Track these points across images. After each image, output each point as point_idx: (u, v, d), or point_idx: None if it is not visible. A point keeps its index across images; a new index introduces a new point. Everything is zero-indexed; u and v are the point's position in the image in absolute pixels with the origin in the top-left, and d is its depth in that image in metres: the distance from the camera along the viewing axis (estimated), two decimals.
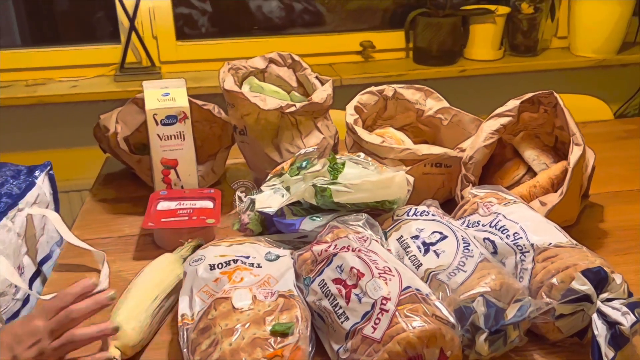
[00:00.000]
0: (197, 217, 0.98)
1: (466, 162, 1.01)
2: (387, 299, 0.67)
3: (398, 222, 0.86)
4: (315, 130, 1.09)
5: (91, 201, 1.15)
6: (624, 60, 2.05)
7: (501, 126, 1.00)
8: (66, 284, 0.89)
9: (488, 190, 0.92)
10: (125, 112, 1.16)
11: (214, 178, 1.20)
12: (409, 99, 1.15)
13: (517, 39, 2.05)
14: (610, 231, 1.02)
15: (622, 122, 1.70)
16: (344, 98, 1.16)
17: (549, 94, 0.99)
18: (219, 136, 1.22)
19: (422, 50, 1.98)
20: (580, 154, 0.92)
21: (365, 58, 2.02)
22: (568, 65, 2.05)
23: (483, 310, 0.68)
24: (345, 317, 0.69)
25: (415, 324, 0.64)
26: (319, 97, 1.07)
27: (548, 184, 0.98)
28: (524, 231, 0.81)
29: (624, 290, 0.72)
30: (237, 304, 0.70)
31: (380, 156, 1.02)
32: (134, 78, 1.81)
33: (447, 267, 0.75)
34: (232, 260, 0.78)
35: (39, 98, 1.76)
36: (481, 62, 2.01)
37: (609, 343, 0.68)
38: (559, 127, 1.06)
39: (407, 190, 0.90)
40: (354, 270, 0.72)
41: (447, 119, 1.13)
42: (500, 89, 1.72)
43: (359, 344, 0.66)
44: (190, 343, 0.69)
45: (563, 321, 0.73)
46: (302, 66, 1.16)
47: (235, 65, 1.12)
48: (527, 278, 0.77)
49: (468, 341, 0.69)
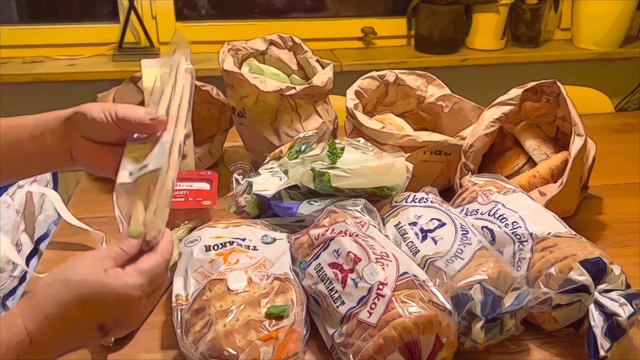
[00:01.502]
0: (193, 199, 0.97)
1: (466, 150, 1.00)
2: (384, 284, 0.67)
3: (396, 208, 0.86)
4: (314, 114, 1.08)
5: (86, 180, 1.14)
6: (626, 53, 2.04)
7: (503, 115, 0.99)
8: (60, 261, 0.89)
9: (487, 179, 0.92)
10: (123, 91, 1.14)
11: (211, 160, 1.19)
12: (411, 85, 1.14)
13: (520, 30, 2.03)
14: (608, 223, 1.02)
15: (623, 116, 1.70)
16: (344, 84, 1.15)
17: (552, 83, 0.98)
18: (217, 118, 1.21)
19: (423, 38, 1.97)
20: (581, 145, 0.91)
21: (366, 44, 2.00)
22: (570, 57, 2.03)
23: (480, 298, 0.68)
24: (341, 301, 0.69)
25: (411, 310, 0.64)
26: (320, 80, 1.06)
27: (548, 175, 0.97)
28: (522, 220, 0.80)
29: (622, 281, 0.71)
30: (233, 285, 0.70)
31: (380, 142, 1.01)
32: (132, 58, 1.79)
33: (444, 254, 0.75)
34: (228, 242, 0.77)
35: (36, 76, 1.74)
36: (483, 51, 2.00)
37: (605, 334, 0.68)
38: (560, 118, 1.05)
39: (406, 177, 0.90)
40: (350, 255, 0.71)
41: (448, 107, 1.13)
42: (501, 79, 1.70)
43: (354, 329, 0.66)
44: (184, 324, 0.69)
45: (559, 311, 0.73)
46: (302, 49, 1.15)
47: (235, 46, 1.11)
48: (524, 267, 0.76)
49: (464, 328, 0.69)
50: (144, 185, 0.60)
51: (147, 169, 0.60)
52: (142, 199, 0.58)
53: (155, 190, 0.58)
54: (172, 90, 0.67)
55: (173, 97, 0.66)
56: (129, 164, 0.61)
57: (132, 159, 0.62)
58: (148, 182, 0.60)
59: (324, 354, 0.72)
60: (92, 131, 0.64)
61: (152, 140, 0.63)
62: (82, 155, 0.65)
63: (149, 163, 0.60)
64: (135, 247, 0.55)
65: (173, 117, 0.64)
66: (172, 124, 0.64)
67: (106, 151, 0.64)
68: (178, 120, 0.64)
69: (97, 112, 0.62)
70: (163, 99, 0.66)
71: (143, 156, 0.62)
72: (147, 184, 0.60)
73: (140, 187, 0.60)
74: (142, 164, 0.61)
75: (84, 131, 0.64)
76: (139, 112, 0.62)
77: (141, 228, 0.56)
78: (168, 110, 0.65)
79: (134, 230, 0.55)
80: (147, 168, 0.60)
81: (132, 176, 0.60)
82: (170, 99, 0.66)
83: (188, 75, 0.68)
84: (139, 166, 0.61)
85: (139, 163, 0.61)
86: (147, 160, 0.61)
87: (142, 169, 0.60)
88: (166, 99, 0.66)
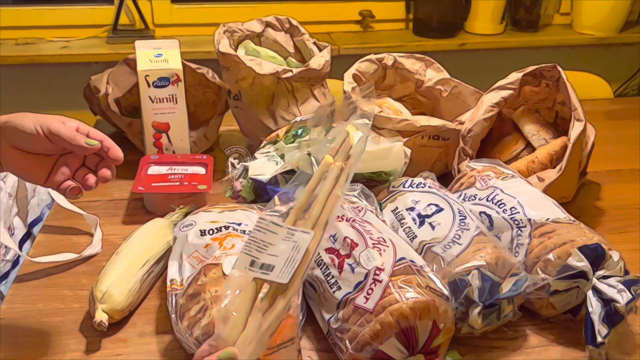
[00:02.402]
0: (188, 183, 0.96)
1: (464, 135, 0.99)
2: (381, 269, 0.66)
3: (394, 193, 0.85)
4: (311, 97, 1.07)
5: None
6: (626, 38, 2.03)
7: (502, 99, 0.98)
8: (54, 245, 0.88)
9: (486, 164, 0.91)
10: (117, 73, 1.13)
11: (206, 144, 1.17)
12: (409, 69, 1.13)
13: (519, 14, 2.01)
14: (607, 209, 1.02)
15: (622, 102, 1.69)
16: (342, 68, 1.13)
17: (552, 67, 0.97)
18: (213, 102, 1.20)
19: (422, 22, 1.95)
20: (581, 130, 0.90)
21: (364, 28, 1.98)
22: (569, 42, 2.02)
23: (478, 284, 0.67)
24: (338, 286, 0.68)
25: (408, 295, 0.63)
26: (317, 63, 1.05)
27: (547, 160, 0.96)
28: (521, 206, 0.79)
29: (620, 267, 0.71)
30: (228, 270, 0.69)
31: (378, 126, 1.00)
32: (126, 40, 1.77)
33: (442, 239, 0.74)
34: (223, 226, 0.76)
35: (29, 57, 1.72)
36: (482, 36, 1.98)
37: (603, 320, 0.67)
38: (560, 102, 1.04)
39: (403, 162, 0.89)
40: (347, 240, 0.70)
41: (447, 91, 1.11)
42: (499, 64, 1.69)
43: (350, 314, 0.65)
44: (179, 308, 0.68)
45: (557, 297, 0.72)
46: (299, 31, 1.13)
47: (230, 27, 1.09)
48: (522, 253, 0.76)
49: (461, 314, 0.69)
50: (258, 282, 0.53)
51: (268, 276, 0.53)
52: (250, 299, 0.52)
53: (267, 298, 0.52)
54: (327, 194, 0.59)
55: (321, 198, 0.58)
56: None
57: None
58: (260, 284, 0.53)
59: (319, 340, 0.72)
60: (23, 142, 0.63)
61: None
62: (11, 164, 0.64)
63: (275, 265, 0.53)
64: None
65: (315, 215, 0.57)
66: (311, 222, 0.56)
67: (36, 160, 0.64)
68: (317, 221, 0.57)
69: (29, 124, 0.62)
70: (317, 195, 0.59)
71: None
72: (261, 282, 0.54)
73: (252, 286, 0.53)
74: (265, 259, 0.53)
75: (13, 141, 0.63)
76: (72, 132, 0.62)
77: (234, 352, 0.50)
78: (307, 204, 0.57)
79: (226, 354, 0.50)
80: (269, 275, 0.53)
81: (249, 270, 0.53)
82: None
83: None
84: (260, 262, 0.53)
85: (262, 254, 0.53)
86: (271, 259, 0.53)
87: (263, 268, 0.53)
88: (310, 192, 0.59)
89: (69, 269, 0.84)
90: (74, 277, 0.82)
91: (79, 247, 0.86)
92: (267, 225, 0.54)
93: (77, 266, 0.84)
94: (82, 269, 0.84)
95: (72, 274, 0.83)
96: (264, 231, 0.54)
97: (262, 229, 0.54)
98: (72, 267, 0.84)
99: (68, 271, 0.83)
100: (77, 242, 0.89)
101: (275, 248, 0.54)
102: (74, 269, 0.84)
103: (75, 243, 0.89)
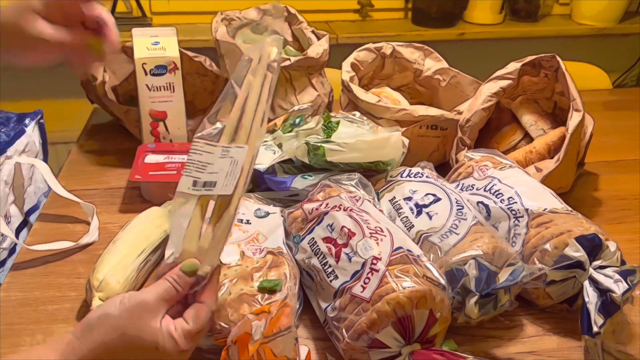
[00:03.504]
0: None
1: (463, 125, 0.99)
2: (378, 258, 0.66)
3: (391, 183, 0.85)
4: (309, 86, 1.06)
5: (77, 152, 1.12)
6: (625, 29, 2.02)
7: (500, 89, 0.98)
8: (50, 233, 0.88)
9: (484, 154, 0.91)
10: (114, 61, 1.12)
11: None
12: (408, 58, 1.12)
13: (519, 4, 2.00)
14: (604, 200, 1.02)
15: (620, 92, 1.69)
16: (340, 57, 1.12)
17: (551, 57, 0.97)
18: (210, 91, 1.19)
19: (421, 11, 1.94)
20: (579, 120, 0.90)
21: (362, 17, 1.97)
22: (568, 32, 2.01)
23: (475, 273, 0.68)
24: (335, 275, 0.68)
25: (405, 285, 0.63)
26: (315, 51, 1.04)
27: (545, 150, 0.96)
28: (518, 196, 0.79)
29: (617, 258, 0.71)
30: (225, 259, 0.69)
31: (376, 116, 1.00)
32: (123, 28, 1.72)
33: (439, 229, 0.74)
34: None
35: None
36: (481, 25, 1.97)
37: (599, 310, 0.67)
38: (558, 93, 1.04)
39: (401, 152, 0.89)
40: (344, 230, 0.70)
41: (446, 80, 1.11)
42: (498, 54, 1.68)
43: (347, 303, 0.65)
44: None
45: (554, 287, 0.72)
46: (298, 20, 1.12)
47: (228, 15, 1.09)
48: (519, 243, 0.76)
49: (458, 304, 0.69)
50: (203, 199, 0.57)
51: (212, 192, 0.56)
52: (199, 215, 0.56)
53: (215, 211, 0.56)
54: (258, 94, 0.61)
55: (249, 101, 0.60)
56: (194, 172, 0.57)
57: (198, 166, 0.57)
58: (208, 197, 0.57)
59: (316, 328, 0.72)
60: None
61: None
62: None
63: (217, 181, 0.56)
64: (187, 287, 0.55)
65: (246, 128, 0.59)
66: (244, 136, 0.59)
67: (46, 46, 0.64)
68: (250, 133, 0.59)
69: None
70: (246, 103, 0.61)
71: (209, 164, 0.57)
72: (206, 199, 0.57)
73: (199, 201, 0.57)
74: (206, 177, 0.57)
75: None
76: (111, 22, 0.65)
77: (196, 262, 0.55)
78: (242, 117, 0.60)
79: (189, 266, 0.55)
80: (212, 190, 0.56)
81: (194, 189, 0.56)
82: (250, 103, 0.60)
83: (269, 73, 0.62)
84: (202, 181, 0.57)
85: (202, 174, 0.57)
86: (211, 176, 0.56)
87: (206, 185, 0.57)
88: (241, 102, 0.61)
89: (66, 257, 0.83)
90: (71, 265, 0.82)
91: (76, 236, 0.86)
92: (202, 147, 0.57)
93: (73, 254, 0.84)
94: (79, 257, 0.84)
95: (69, 262, 0.83)
96: (199, 153, 0.57)
97: (199, 151, 0.57)
98: (68, 256, 0.84)
99: (65, 259, 0.83)
100: (73, 230, 0.89)
101: (213, 166, 0.57)
102: (70, 257, 0.84)
103: (72, 231, 0.89)
